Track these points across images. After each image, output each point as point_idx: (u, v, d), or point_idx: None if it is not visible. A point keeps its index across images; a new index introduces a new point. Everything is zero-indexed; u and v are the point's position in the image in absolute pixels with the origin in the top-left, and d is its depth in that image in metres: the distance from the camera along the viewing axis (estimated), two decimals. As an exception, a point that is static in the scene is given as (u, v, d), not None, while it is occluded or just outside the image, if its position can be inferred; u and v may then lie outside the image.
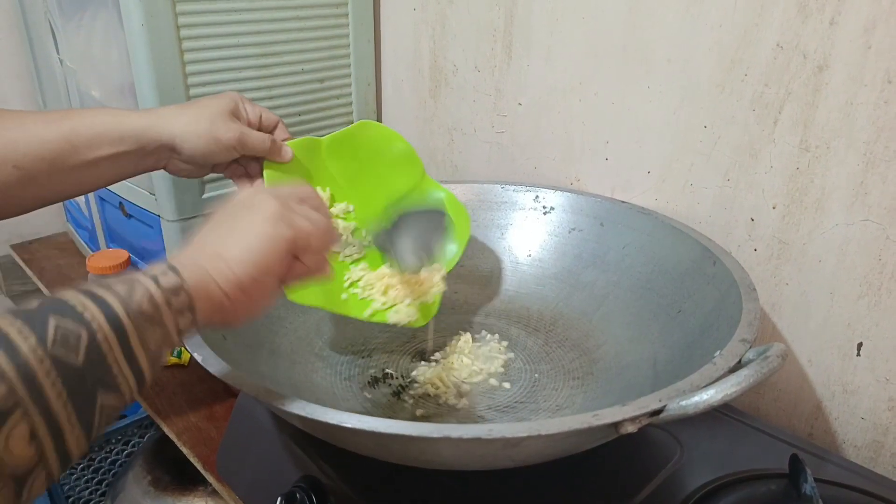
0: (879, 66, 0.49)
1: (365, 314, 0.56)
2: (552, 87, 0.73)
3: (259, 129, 0.57)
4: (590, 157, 0.72)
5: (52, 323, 0.27)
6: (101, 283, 0.31)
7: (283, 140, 0.58)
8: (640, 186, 0.68)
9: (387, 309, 0.57)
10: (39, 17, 0.88)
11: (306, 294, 0.50)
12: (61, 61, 0.86)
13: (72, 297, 0.29)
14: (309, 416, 0.37)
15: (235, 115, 0.54)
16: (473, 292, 0.70)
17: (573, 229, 0.69)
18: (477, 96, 0.81)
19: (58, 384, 0.26)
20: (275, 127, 0.59)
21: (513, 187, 0.72)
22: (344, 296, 0.57)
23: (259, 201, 0.40)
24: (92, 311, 0.29)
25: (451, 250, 0.63)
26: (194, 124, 0.52)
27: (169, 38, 0.69)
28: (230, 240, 0.38)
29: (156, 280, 0.32)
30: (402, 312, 0.56)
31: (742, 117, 0.58)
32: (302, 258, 0.40)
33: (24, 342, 0.26)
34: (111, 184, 0.53)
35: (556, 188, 0.71)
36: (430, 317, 0.60)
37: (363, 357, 0.61)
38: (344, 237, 0.60)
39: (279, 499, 0.47)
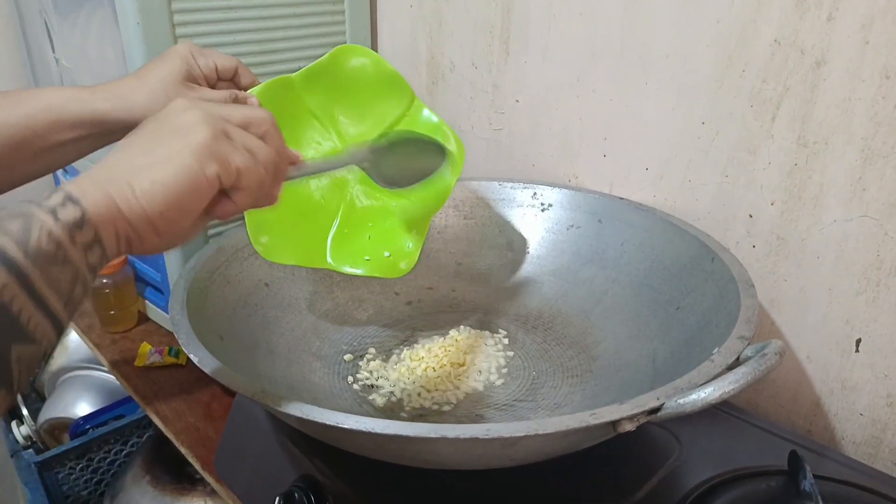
0: (877, 62, 0.49)
1: (344, 269, 0.54)
2: (550, 84, 0.73)
3: (218, 80, 0.53)
4: (588, 153, 0.72)
5: None
6: None
7: (248, 86, 0.54)
8: (639, 183, 0.68)
9: (368, 262, 0.55)
10: (35, 16, 0.88)
11: (281, 252, 0.48)
12: (57, 60, 0.85)
13: None
14: (306, 416, 0.37)
15: (190, 78, 0.51)
16: (471, 290, 0.69)
17: (571, 226, 0.68)
18: (474, 93, 0.81)
19: None
20: (234, 73, 0.54)
21: (511, 184, 0.72)
22: (328, 241, 0.55)
23: (188, 122, 0.34)
24: None
25: (445, 178, 0.57)
26: (154, 102, 0.48)
27: (164, 37, 0.68)
28: (144, 165, 0.32)
29: (54, 214, 0.29)
30: (380, 263, 0.54)
31: (740, 113, 0.58)
32: (232, 196, 0.36)
33: None
34: (80, 159, 0.51)
35: (554, 185, 0.70)
36: (411, 267, 0.58)
37: (360, 356, 0.60)
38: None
39: (277, 498, 0.47)
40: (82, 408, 1.06)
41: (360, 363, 0.59)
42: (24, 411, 1.05)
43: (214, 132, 0.34)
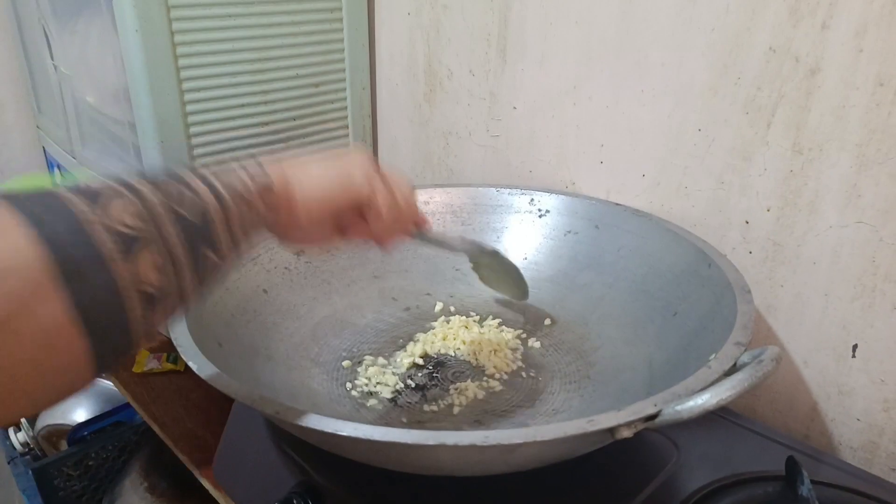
0: (871, 70, 0.50)
1: None
2: (546, 91, 0.73)
3: None
4: (584, 160, 0.72)
5: (174, 188, 0.32)
6: (206, 173, 0.35)
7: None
8: (635, 189, 0.68)
9: None
10: (33, 23, 0.88)
11: None
12: (55, 67, 0.86)
13: (186, 175, 0.34)
14: (304, 423, 0.37)
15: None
16: (469, 296, 0.70)
17: (568, 232, 0.69)
18: (472, 100, 0.82)
19: (177, 228, 0.31)
20: None
21: (508, 191, 0.72)
22: None
23: (353, 152, 0.43)
24: (203, 189, 0.33)
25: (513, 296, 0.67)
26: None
27: (163, 44, 0.69)
28: (314, 163, 0.41)
29: (252, 176, 0.37)
30: None
31: (735, 120, 0.58)
32: (367, 219, 0.43)
33: (153, 195, 0.31)
34: None
35: (551, 191, 0.71)
36: None
37: (359, 362, 0.60)
38: None
39: (276, 505, 0.47)
40: (80, 414, 1.05)
41: (359, 369, 0.60)
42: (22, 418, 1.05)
43: (372, 165, 0.43)
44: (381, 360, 0.61)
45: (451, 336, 0.63)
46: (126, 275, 0.28)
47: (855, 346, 0.56)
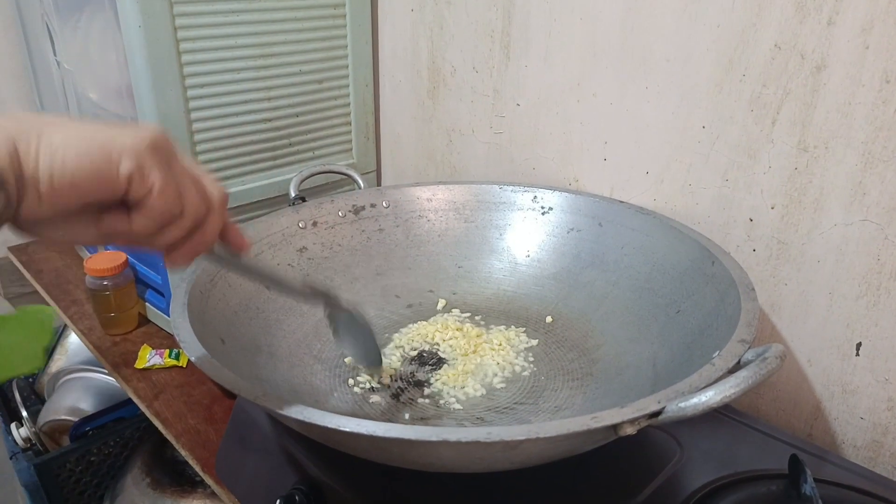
0: (877, 66, 0.49)
1: None
2: (550, 88, 0.73)
3: None
4: (588, 157, 0.72)
5: None
6: None
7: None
8: (639, 187, 0.68)
9: None
10: (36, 19, 0.88)
11: None
12: (58, 63, 0.85)
13: None
14: (307, 419, 0.37)
15: None
16: (471, 293, 0.69)
17: (572, 229, 0.69)
18: (475, 97, 0.81)
19: None
20: None
21: (511, 188, 0.72)
22: None
23: (140, 130, 0.32)
24: None
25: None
26: None
27: (166, 40, 0.68)
28: (68, 131, 0.30)
29: None
30: None
31: (740, 117, 0.58)
32: (132, 211, 0.32)
33: None
34: None
35: (554, 188, 0.70)
36: None
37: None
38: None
39: (278, 501, 0.47)
40: (82, 410, 1.06)
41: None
42: (24, 413, 1.05)
43: (154, 146, 0.32)
44: (384, 357, 0.61)
45: (451, 333, 0.63)
46: None
47: (859, 345, 0.56)
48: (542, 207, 0.70)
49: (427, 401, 0.56)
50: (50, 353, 1.13)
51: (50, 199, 0.30)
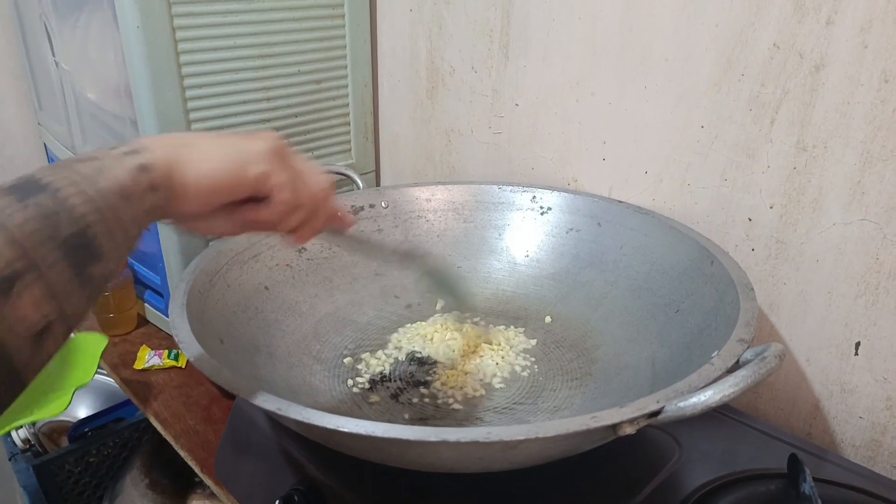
0: (876, 66, 0.49)
1: None
2: (549, 88, 0.73)
3: None
4: (587, 157, 0.72)
5: (45, 206, 0.29)
6: (68, 165, 0.32)
7: None
8: (638, 186, 0.68)
9: None
10: (34, 19, 0.88)
11: None
12: (57, 63, 0.85)
13: (46, 176, 0.30)
14: (305, 420, 0.37)
15: None
16: (471, 293, 0.69)
17: (571, 229, 0.69)
18: (474, 97, 0.81)
19: (57, 254, 0.29)
20: None
21: (510, 188, 0.72)
22: None
23: (257, 135, 0.39)
24: (76, 201, 0.30)
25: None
26: None
27: (165, 40, 0.68)
28: (206, 144, 0.37)
29: (121, 159, 0.33)
30: None
31: (739, 117, 0.58)
32: (261, 205, 0.40)
33: (23, 222, 0.28)
34: None
35: (553, 188, 0.70)
36: None
37: (361, 360, 0.60)
38: None
39: (277, 502, 0.47)
40: (81, 411, 1.05)
41: (360, 366, 0.59)
42: (23, 414, 1.05)
43: (275, 151, 0.39)
44: (382, 357, 0.61)
45: (450, 334, 0.63)
46: (6, 321, 0.27)
47: (858, 344, 0.56)
48: (541, 207, 0.70)
49: (426, 401, 0.55)
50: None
51: (196, 200, 0.37)
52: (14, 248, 0.27)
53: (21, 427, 1.01)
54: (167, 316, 0.80)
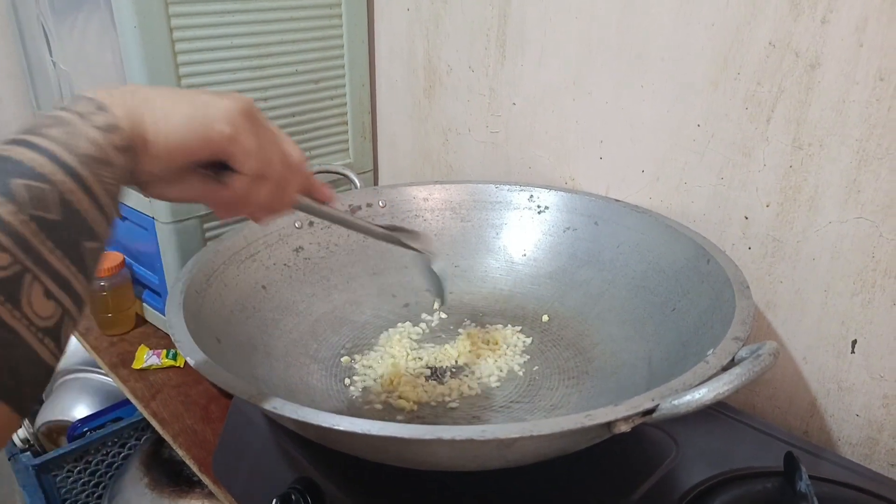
0: (871, 64, 0.50)
1: None
2: (546, 87, 0.73)
3: None
4: (584, 156, 0.72)
5: (18, 184, 0.27)
6: (45, 142, 0.29)
7: None
8: (635, 185, 0.68)
9: None
10: (32, 20, 0.88)
11: None
12: (54, 63, 0.85)
13: (15, 153, 0.28)
14: (302, 419, 0.37)
15: None
16: (468, 292, 0.69)
17: (568, 228, 0.69)
18: (471, 96, 0.81)
19: (50, 242, 0.28)
20: None
21: (507, 187, 0.72)
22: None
23: (225, 95, 0.36)
24: (51, 169, 0.28)
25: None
26: None
27: (162, 40, 0.68)
28: (170, 97, 0.34)
29: (89, 119, 0.31)
30: None
31: (735, 116, 0.58)
32: (231, 175, 0.37)
33: (2, 208, 0.26)
34: None
35: (550, 187, 0.71)
36: None
37: (358, 359, 0.60)
38: None
39: (274, 500, 0.47)
40: (80, 410, 1.06)
41: (357, 366, 0.60)
42: (22, 414, 1.05)
43: (243, 112, 0.36)
44: (379, 356, 0.61)
45: (448, 333, 0.63)
46: (23, 322, 0.26)
47: (854, 342, 0.56)
48: (538, 206, 0.70)
49: (424, 400, 0.55)
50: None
51: (159, 160, 0.34)
52: (14, 243, 0.26)
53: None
54: (165, 315, 0.81)
